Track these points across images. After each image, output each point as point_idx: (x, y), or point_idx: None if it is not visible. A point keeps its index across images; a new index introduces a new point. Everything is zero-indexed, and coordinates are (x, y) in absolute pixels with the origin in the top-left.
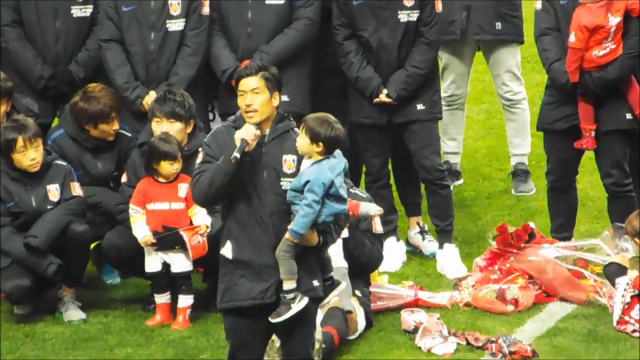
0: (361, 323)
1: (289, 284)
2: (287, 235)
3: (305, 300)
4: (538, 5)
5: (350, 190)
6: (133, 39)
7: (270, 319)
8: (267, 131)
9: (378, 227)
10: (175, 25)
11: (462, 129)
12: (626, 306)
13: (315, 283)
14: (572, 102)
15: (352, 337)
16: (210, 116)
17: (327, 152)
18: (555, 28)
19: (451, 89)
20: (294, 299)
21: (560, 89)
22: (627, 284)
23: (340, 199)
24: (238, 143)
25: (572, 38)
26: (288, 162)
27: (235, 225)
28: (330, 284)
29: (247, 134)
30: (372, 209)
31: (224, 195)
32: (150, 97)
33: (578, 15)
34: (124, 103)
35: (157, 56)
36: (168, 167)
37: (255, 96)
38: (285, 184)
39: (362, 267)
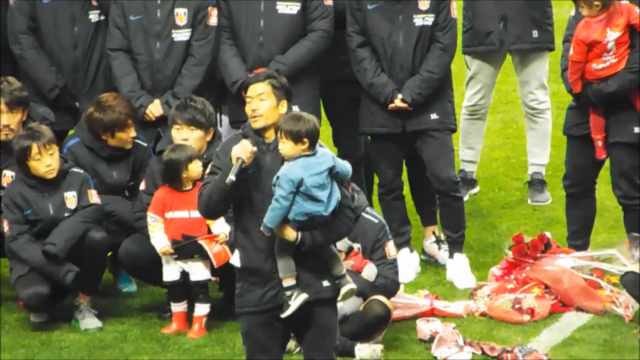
0: None
1: (286, 282)
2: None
3: (303, 296)
4: (573, 12)
5: (364, 214)
6: (139, 47)
7: (280, 314)
8: (272, 138)
9: (392, 252)
10: (181, 35)
11: (481, 139)
12: None
13: (325, 283)
14: (585, 110)
15: None
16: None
17: (312, 146)
18: None
19: (475, 98)
20: (291, 296)
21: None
22: None
23: (313, 199)
24: (234, 161)
25: (571, 51)
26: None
27: (241, 234)
28: (338, 283)
29: (243, 152)
30: (373, 274)
31: (226, 209)
32: (154, 106)
33: (578, 28)
34: None
35: (162, 65)
36: (196, 167)
37: (261, 102)
38: None
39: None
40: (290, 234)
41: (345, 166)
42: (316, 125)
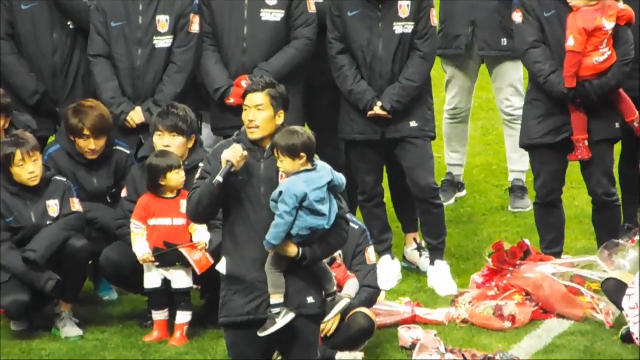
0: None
1: (275, 298)
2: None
3: (291, 315)
4: (518, 18)
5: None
6: (120, 54)
7: (258, 333)
8: (268, 147)
9: (372, 257)
10: (163, 42)
11: (465, 141)
12: None
13: (310, 300)
14: (560, 114)
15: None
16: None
17: (310, 159)
18: (541, 40)
19: (454, 102)
20: (279, 313)
21: (552, 102)
22: None
23: (317, 214)
24: (224, 164)
25: (570, 42)
26: (284, 178)
27: (230, 241)
28: (332, 300)
29: (234, 155)
30: (354, 291)
31: (215, 213)
32: (136, 113)
33: (574, 19)
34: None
35: (143, 72)
36: (175, 177)
37: (259, 112)
38: None
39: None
40: (292, 249)
41: (341, 178)
42: (311, 138)
